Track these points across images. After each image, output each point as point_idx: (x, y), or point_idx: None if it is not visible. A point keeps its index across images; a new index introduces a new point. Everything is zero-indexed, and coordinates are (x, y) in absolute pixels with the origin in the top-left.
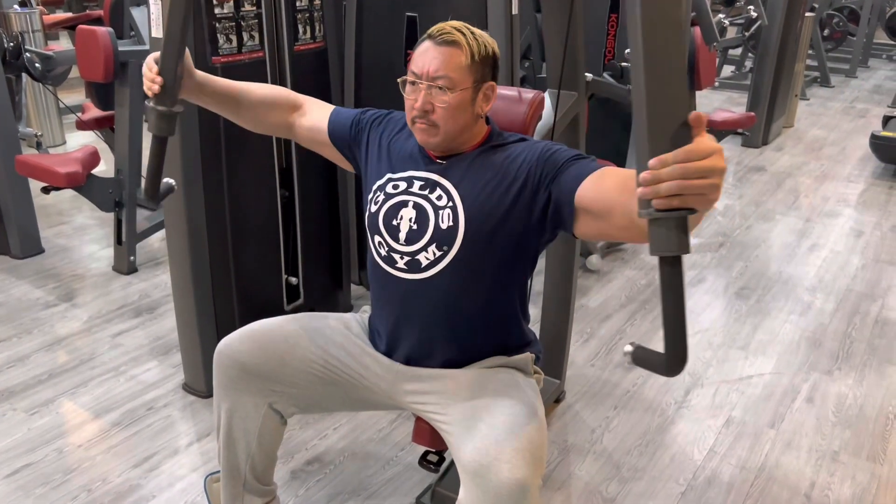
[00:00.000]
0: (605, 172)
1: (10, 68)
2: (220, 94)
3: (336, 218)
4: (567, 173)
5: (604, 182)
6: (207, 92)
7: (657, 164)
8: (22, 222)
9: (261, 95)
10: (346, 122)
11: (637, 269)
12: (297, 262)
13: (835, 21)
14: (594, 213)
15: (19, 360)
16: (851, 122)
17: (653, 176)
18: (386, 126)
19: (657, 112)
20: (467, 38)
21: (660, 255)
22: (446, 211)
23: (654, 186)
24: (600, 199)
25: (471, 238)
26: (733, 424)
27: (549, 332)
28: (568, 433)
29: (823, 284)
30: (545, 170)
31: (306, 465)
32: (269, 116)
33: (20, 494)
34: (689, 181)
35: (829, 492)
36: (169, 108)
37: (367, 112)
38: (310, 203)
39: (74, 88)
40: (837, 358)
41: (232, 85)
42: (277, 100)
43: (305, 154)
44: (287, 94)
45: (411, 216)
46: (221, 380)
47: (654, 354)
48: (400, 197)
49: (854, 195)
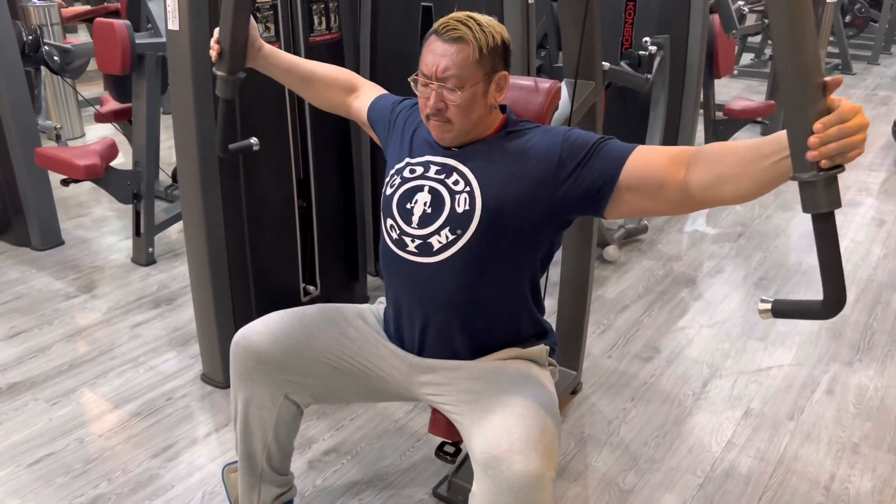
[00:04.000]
0: (646, 151)
1: (30, 61)
2: (284, 68)
3: (352, 209)
4: (601, 155)
5: (650, 159)
6: (273, 64)
7: (821, 127)
8: (42, 214)
9: (322, 75)
10: (384, 110)
11: (654, 260)
12: (313, 252)
13: (857, 7)
14: (642, 190)
15: (40, 351)
16: (873, 110)
17: (820, 139)
18: (411, 113)
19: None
20: (474, 32)
21: (818, 212)
22: (463, 195)
23: (823, 147)
24: (652, 175)
25: (486, 223)
26: (752, 416)
27: (565, 322)
28: (584, 425)
29: (844, 274)
30: (571, 153)
31: (323, 455)
32: (329, 95)
33: (41, 483)
34: (849, 138)
35: (849, 484)
36: (226, 73)
37: (402, 101)
38: (326, 194)
39: (93, 81)
40: (858, 349)
41: (297, 62)
42: (338, 81)
43: (322, 144)
44: (347, 78)
45: (426, 200)
46: (238, 370)
47: (802, 303)
48: (416, 181)
49: (875, 184)
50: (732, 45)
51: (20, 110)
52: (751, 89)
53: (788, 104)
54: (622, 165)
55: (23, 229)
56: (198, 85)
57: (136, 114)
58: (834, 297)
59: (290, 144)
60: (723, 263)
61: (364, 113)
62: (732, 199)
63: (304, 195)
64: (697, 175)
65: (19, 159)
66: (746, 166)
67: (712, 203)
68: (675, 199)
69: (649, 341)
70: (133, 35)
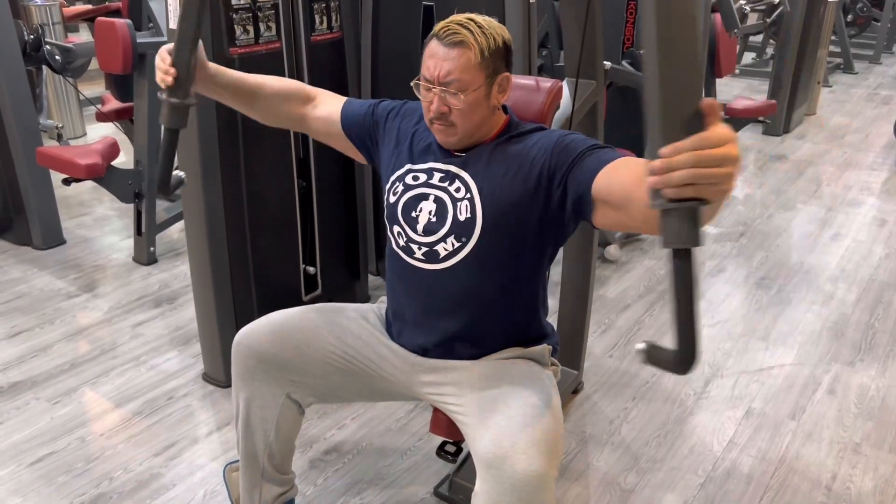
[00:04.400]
0: (621, 163)
1: (31, 61)
2: (232, 86)
3: (353, 208)
4: (583, 164)
5: (620, 173)
6: (220, 84)
7: (670, 151)
8: (43, 213)
9: (274, 88)
10: (359, 113)
11: (656, 260)
12: (314, 252)
13: (858, 6)
14: (612, 204)
15: (42, 350)
16: (875, 109)
17: (664, 164)
18: (403, 117)
19: (669, 99)
20: (475, 35)
21: (671, 247)
22: (464, 202)
23: (665, 175)
24: (617, 190)
25: (488, 229)
26: (753, 416)
27: (566, 322)
28: (586, 424)
29: (846, 274)
30: (560, 160)
31: (324, 454)
32: (282, 109)
33: (43, 482)
34: (703, 170)
35: (850, 484)
36: (181, 100)
37: (381, 103)
38: (327, 193)
39: (94, 80)
40: (860, 349)
41: (244, 77)
42: (290, 92)
43: (322, 145)
44: (300, 87)
45: (431, 209)
46: (239, 369)
47: (667, 352)
48: (420, 189)
49: (877, 184)
50: (734, 44)
51: (22, 109)
52: (752, 88)
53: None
54: (594, 178)
55: (24, 228)
56: None
57: (138, 113)
58: (683, 353)
59: (290, 145)
60: (724, 263)
61: (332, 121)
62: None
63: (306, 195)
64: None
65: (21, 158)
66: None
67: None
68: (642, 216)
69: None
70: (134, 34)
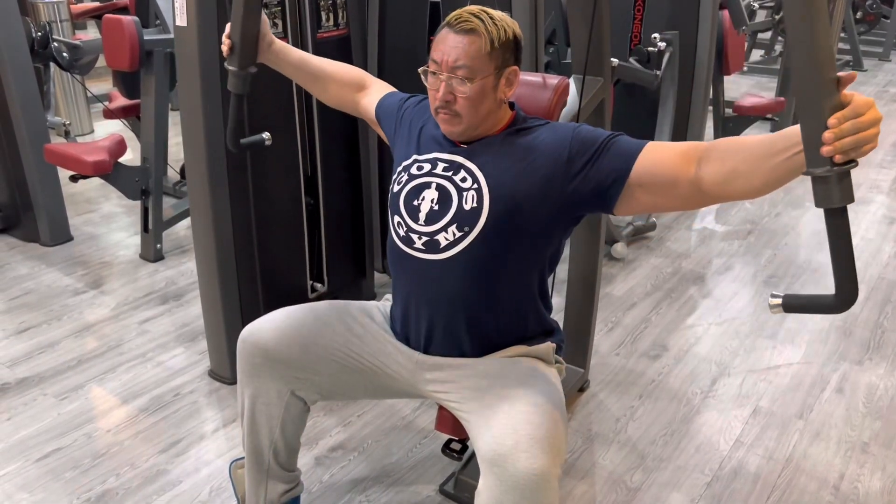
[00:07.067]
0: (653, 147)
1: (39, 58)
2: (294, 65)
3: (360, 205)
4: (611, 152)
5: (660, 156)
6: (283, 60)
7: (836, 121)
8: (51, 210)
9: (332, 72)
10: (392, 108)
11: (663, 258)
12: (320, 249)
13: (868, 3)
14: (653, 187)
15: (49, 346)
16: (884, 107)
17: (836, 133)
18: (419, 110)
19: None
20: (486, 25)
21: (831, 207)
22: (471, 192)
23: (839, 142)
24: (663, 172)
25: (494, 220)
26: (760, 414)
27: (573, 320)
28: (592, 422)
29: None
30: (581, 150)
31: (330, 451)
32: (338, 93)
33: (50, 478)
34: (864, 133)
35: (858, 483)
36: (237, 68)
37: (409, 98)
38: (334, 190)
39: (102, 77)
40: (868, 348)
41: (308, 59)
42: (347, 80)
43: (329, 140)
44: (356, 74)
45: (433, 197)
46: (245, 366)
47: (813, 297)
48: (423, 178)
49: (886, 182)
50: (742, 41)
51: (29, 107)
52: (760, 86)
53: (802, 99)
54: (633, 163)
55: (32, 225)
56: (206, 81)
57: (145, 110)
58: (846, 291)
59: (297, 141)
60: (732, 261)
61: (372, 110)
62: (744, 195)
63: (312, 192)
64: (709, 171)
65: (28, 155)
66: (759, 162)
67: (724, 199)
68: (687, 194)
69: (657, 339)
70: (141, 31)
